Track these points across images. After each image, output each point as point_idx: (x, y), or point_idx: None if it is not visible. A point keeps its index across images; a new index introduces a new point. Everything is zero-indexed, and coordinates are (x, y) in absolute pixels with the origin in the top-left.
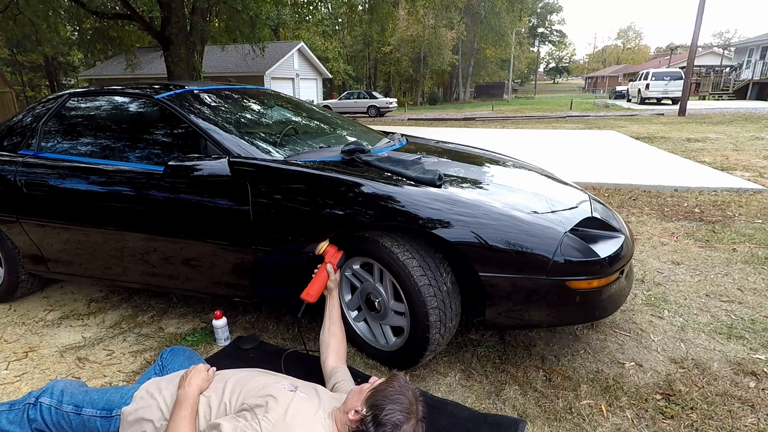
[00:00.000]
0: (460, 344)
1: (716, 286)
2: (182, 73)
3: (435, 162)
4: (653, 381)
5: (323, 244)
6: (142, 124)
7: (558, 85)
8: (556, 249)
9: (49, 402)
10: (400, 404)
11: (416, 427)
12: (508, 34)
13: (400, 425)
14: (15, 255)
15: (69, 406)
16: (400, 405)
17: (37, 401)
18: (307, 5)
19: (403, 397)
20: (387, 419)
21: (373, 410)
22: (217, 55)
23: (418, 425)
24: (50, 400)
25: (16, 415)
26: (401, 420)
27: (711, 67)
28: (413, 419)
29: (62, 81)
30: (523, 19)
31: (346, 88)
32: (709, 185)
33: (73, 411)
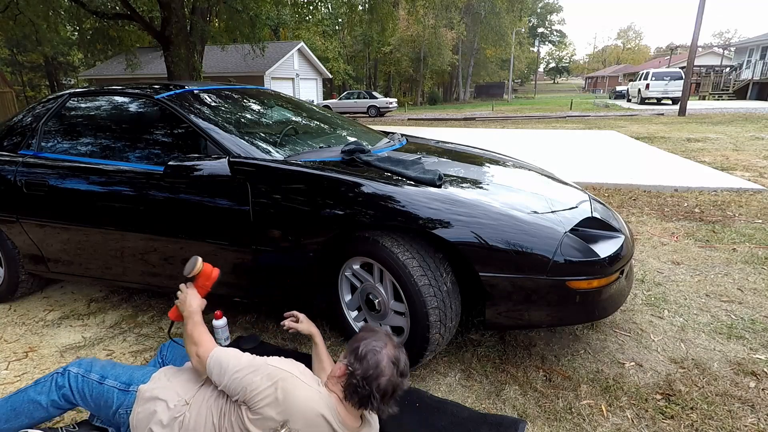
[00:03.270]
0: (460, 344)
1: (716, 286)
2: (182, 73)
3: (435, 162)
4: (653, 381)
5: (198, 265)
6: (142, 124)
7: (558, 85)
8: (556, 249)
9: (77, 371)
10: (373, 337)
11: (396, 351)
12: (508, 34)
13: (380, 350)
14: (15, 255)
15: (96, 375)
16: (374, 337)
17: (66, 370)
18: (307, 5)
19: (374, 332)
20: (366, 350)
21: (352, 353)
22: (217, 55)
23: (398, 350)
24: (78, 368)
25: (43, 386)
26: (380, 346)
27: (711, 67)
28: (390, 344)
29: (62, 81)
30: (523, 19)
31: (346, 88)
32: (709, 185)
33: (97, 380)
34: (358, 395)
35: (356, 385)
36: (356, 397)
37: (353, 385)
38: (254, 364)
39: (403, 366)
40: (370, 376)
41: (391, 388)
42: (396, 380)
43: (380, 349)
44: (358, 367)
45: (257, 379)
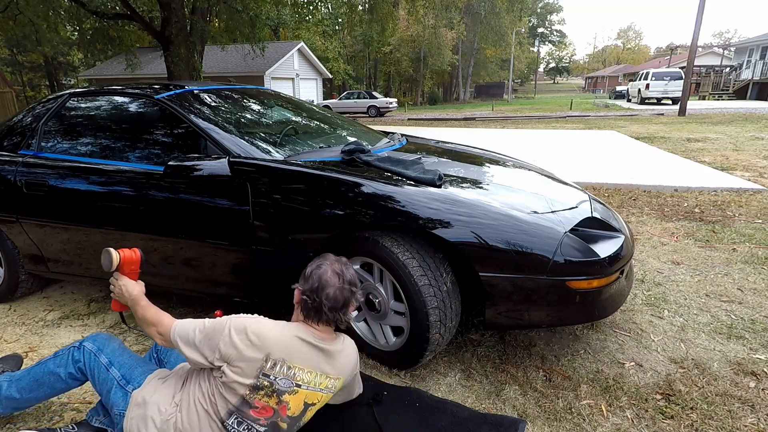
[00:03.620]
0: (460, 344)
1: (716, 286)
2: (182, 73)
3: (435, 162)
4: (653, 381)
5: (115, 257)
6: (142, 124)
7: (558, 85)
8: (556, 249)
9: (91, 347)
10: (318, 260)
11: (340, 266)
12: (508, 34)
13: (323, 266)
14: (15, 255)
15: (105, 358)
16: (319, 260)
17: (82, 345)
18: (307, 5)
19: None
20: (311, 269)
21: (302, 277)
22: (217, 55)
23: (343, 264)
24: (92, 345)
25: (61, 358)
26: (323, 263)
27: (711, 67)
28: (334, 261)
29: (62, 81)
30: (523, 19)
31: (346, 88)
32: (709, 185)
33: (105, 364)
34: (312, 310)
35: (308, 301)
36: (312, 312)
37: (306, 302)
38: (218, 321)
39: (349, 277)
40: (317, 289)
41: (342, 296)
42: (345, 288)
43: (323, 265)
44: (306, 286)
45: (226, 332)
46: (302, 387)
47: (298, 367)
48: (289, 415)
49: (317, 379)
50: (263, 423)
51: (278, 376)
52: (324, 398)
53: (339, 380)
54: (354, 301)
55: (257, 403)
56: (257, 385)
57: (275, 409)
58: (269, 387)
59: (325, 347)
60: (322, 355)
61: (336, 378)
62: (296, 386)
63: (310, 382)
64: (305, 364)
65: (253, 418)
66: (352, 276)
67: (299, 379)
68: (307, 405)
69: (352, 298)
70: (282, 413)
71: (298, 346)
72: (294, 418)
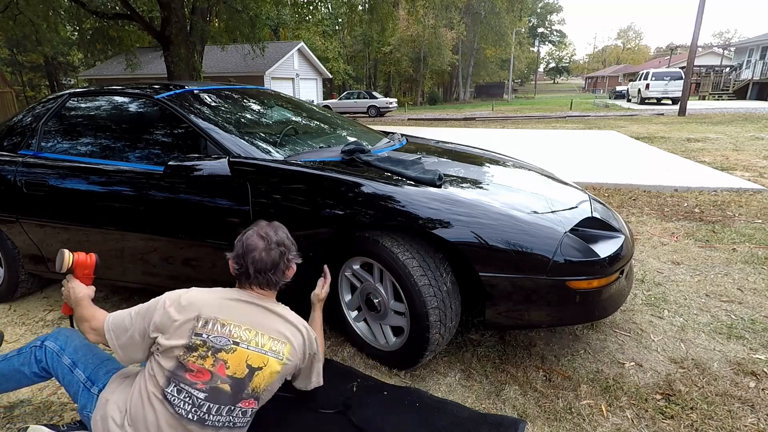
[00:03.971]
0: (460, 344)
1: (716, 286)
2: (182, 73)
3: (435, 162)
4: (653, 381)
5: (67, 257)
6: (142, 124)
7: (558, 85)
8: (556, 249)
9: (52, 346)
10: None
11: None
12: (508, 34)
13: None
14: (15, 255)
15: (68, 359)
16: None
17: (43, 344)
18: (307, 5)
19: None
20: (238, 238)
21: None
22: (217, 55)
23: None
24: (54, 344)
25: (25, 357)
26: (250, 229)
27: (711, 67)
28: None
29: (62, 81)
30: (523, 19)
31: (346, 88)
32: (709, 185)
33: (69, 366)
34: (243, 275)
35: (236, 268)
36: (242, 277)
37: (235, 269)
38: (154, 299)
39: (276, 238)
40: (243, 254)
41: (269, 258)
42: (272, 250)
43: (249, 230)
44: (234, 253)
45: (161, 303)
46: (241, 345)
47: (233, 324)
48: (228, 375)
49: (258, 338)
50: (201, 387)
51: (211, 334)
52: (273, 364)
53: (286, 346)
54: (286, 262)
55: (192, 365)
56: (190, 345)
57: (212, 372)
58: (203, 346)
59: (264, 304)
60: (260, 312)
61: (283, 342)
62: (234, 344)
63: (250, 340)
64: (241, 320)
65: (189, 382)
66: (280, 237)
67: (236, 336)
68: (252, 368)
69: (281, 259)
70: (220, 373)
71: (232, 304)
72: (237, 380)
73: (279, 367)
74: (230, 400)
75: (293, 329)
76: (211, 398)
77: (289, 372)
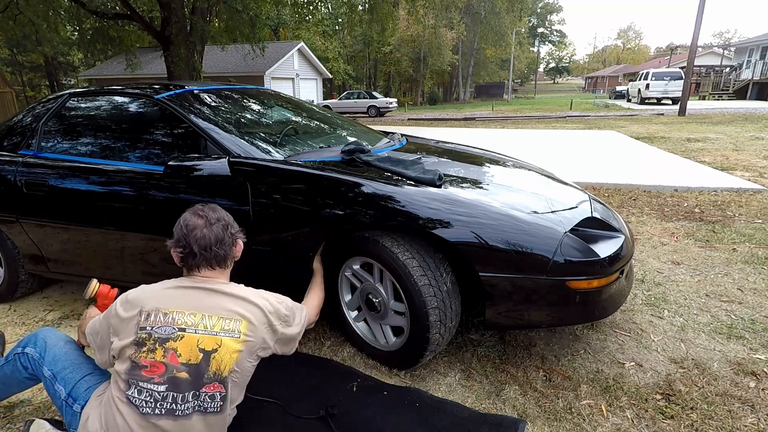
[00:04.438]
0: (460, 344)
1: (716, 286)
2: (182, 73)
3: (435, 162)
4: (653, 381)
5: (93, 286)
6: (142, 124)
7: (558, 85)
8: (556, 249)
9: (32, 352)
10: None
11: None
12: (508, 34)
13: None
14: (15, 255)
15: (48, 370)
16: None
17: (24, 350)
18: (307, 5)
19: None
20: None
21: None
22: (217, 55)
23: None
24: (34, 350)
25: (13, 365)
26: (187, 213)
27: (711, 67)
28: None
29: (62, 81)
30: (523, 19)
31: (346, 88)
32: (709, 185)
33: (49, 378)
34: (188, 257)
35: (179, 252)
36: (188, 259)
37: (178, 254)
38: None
39: (215, 215)
40: (185, 235)
41: (211, 233)
42: (212, 225)
43: (185, 214)
44: (175, 239)
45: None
46: (188, 331)
47: (176, 311)
48: (183, 362)
49: (206, 321)
50: (158, 381)
51: (155, 325)
52: (230, 344)
53: (242, 323)
54: (230, 236)
55: (144, 361)
56: (137, 340)
57: (165, 363)
58: (149, 339)
59: (209, 286)
60: (205, 294)
61: (236, 320)
62: (180, 330)
63: (197, 324)
64: (184, 306)
65: (146, 378)
66: (219, 214)
67: (181, 323)
68: (205, 351)
69: (225, 233)
70: (173, 362)
71: (173, 293)
72: (193, 366)
73: (238, 345)
74: (192, 386)
75: (248, 304)
76: (171, 388)
77: (256, 348)
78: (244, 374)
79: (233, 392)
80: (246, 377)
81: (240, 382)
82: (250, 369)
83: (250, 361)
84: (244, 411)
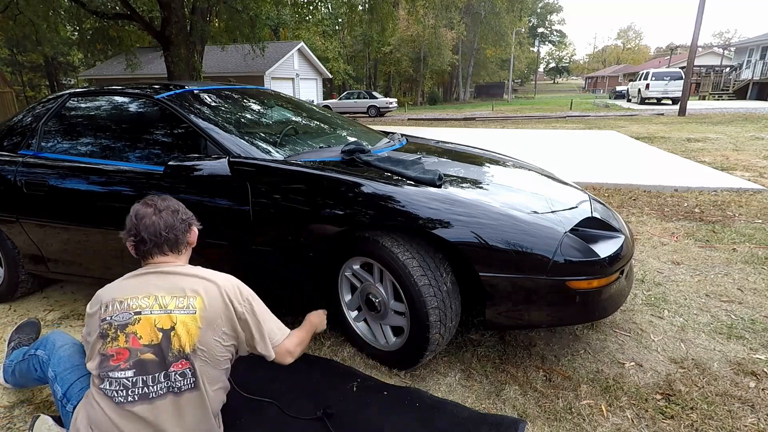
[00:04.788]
0: (460, 344)
1: (716, 286)
2: (182, 73)
3: (435, 162)
4: (653, 381)
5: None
6: (142, 124)
7: (558, 85)
8: (556, 249)
9: (42, 354)
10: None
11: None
12: (508, 34)
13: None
14: (15, 255)
15: (51, 371)
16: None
17: (36, 352)
18: (307, 5)
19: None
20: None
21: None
22: (217, 55)
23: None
24: (44, 352)
25: (27, 364)
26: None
27: (711, 67)
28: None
29: (62, 81)
30: (523, 19)
31: (346, 88)
32: (709, 185)
33: (51, 378)
34: (139, 244)
35: (133, 239)
36: (140, 247)
37: (132, 241)
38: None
39: (164, 204)
40: (136, 224)
41: (161, 220)
42: (162, 212)
43: (136, 205)
44: (126, 231)
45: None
46: (144, 313)
47: (130, 297)
48: (144, 344)
49: (160, 301)
50: (125, 367)
51: (114, 314)
52: (186, 320)
53: (197, 299)
54: (181, 222)
55: (110, 351)
56: (102, 333)
57: (128, 348)
58: (110, 328)
59: (162, 269)
60: (158, 277)
61: (191, 296)
62: (136, 314)
63: (151, 306)
64: (137, 292)
65: (113, 367)
66: (169, 203)
67: (136, 307)
68: (164, 330)
69: (175, 219)
70: (135, 345)
71: (128, 282)
72: (155, 346)
73: (196, 321)
74: (159, 366)
75: (203, 281)
76: (139, 372)
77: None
78: (213, 354)
79: (204, 370)
80: (218, 358)
81: (210, 360)
82: (221, 350)
83: (216, 340)
84: (243, 411)
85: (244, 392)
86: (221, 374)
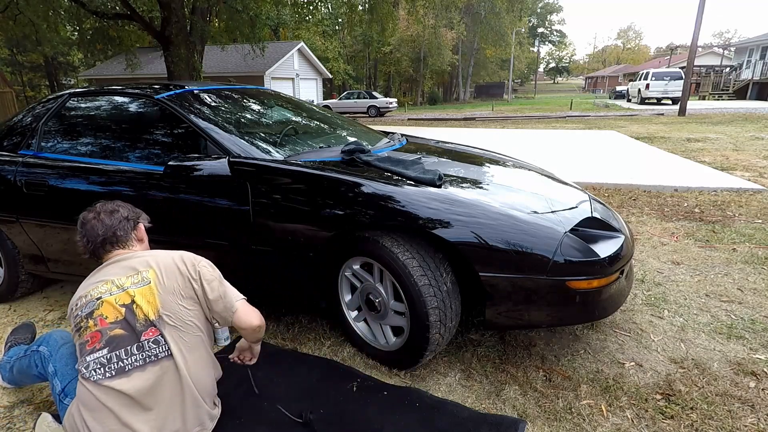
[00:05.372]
0: (460, 344)
1: (716, 286)
2: (182, 73)
3: (435, 162)
4: (653, 381)
5: None
6: (142, 124)
7: (558, 85)
8: (556, 249)
9: (44, 350)
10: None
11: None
12: (508, 34)
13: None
14: (15, 255)
15: (52, 367)
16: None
17: (38, 348)
18: (307, 5)
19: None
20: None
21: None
22: (217, 55)
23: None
24: (46, 348)
25: (28, 360)
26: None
27: (711, 67)
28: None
29: (62, 81)
30: (523, 19)
31: (346, 88)
32: (709, 185)
33: (51, 373)
34: (85, 246)
35: (81, 245)
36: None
37: (81, 246)
38: None
39: (105, 207)
40: (80, 231)
41: (101, 224)
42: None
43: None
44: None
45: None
46: (104, 297)
47: (91, 289)
48: (110, 322)
49: (117, 282)
50: (99, 347)
51: (81, 308)
52: (144, 291)
53: (150, 271)
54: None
55: (85, 337)
56: (76, 326)
57: (99, 329)
58: (81, 319)
59: (116, 258)
60: (111, 266)
61: (143, 270)
62: (98, 300)
63: (110, 289)
64: (95, 282)
65: (89, 351)
66: (112, 206)
67: (97, 294)
68: (126, 305)
69: (113, 217)
70: (104, 325)
71: (87, 281)
72: (122, 321)
73: (152, 289)
74: (131, 339)
75: (152, 257)
76: (113, 348)
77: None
78: (181, 318)
79: (176, 335)
80: (186, 322)
81: (180, 325)
82: (187, 313)
83: (180, 304)
84: (243, 410)
85: (244, 392)
86: (197, 342)
